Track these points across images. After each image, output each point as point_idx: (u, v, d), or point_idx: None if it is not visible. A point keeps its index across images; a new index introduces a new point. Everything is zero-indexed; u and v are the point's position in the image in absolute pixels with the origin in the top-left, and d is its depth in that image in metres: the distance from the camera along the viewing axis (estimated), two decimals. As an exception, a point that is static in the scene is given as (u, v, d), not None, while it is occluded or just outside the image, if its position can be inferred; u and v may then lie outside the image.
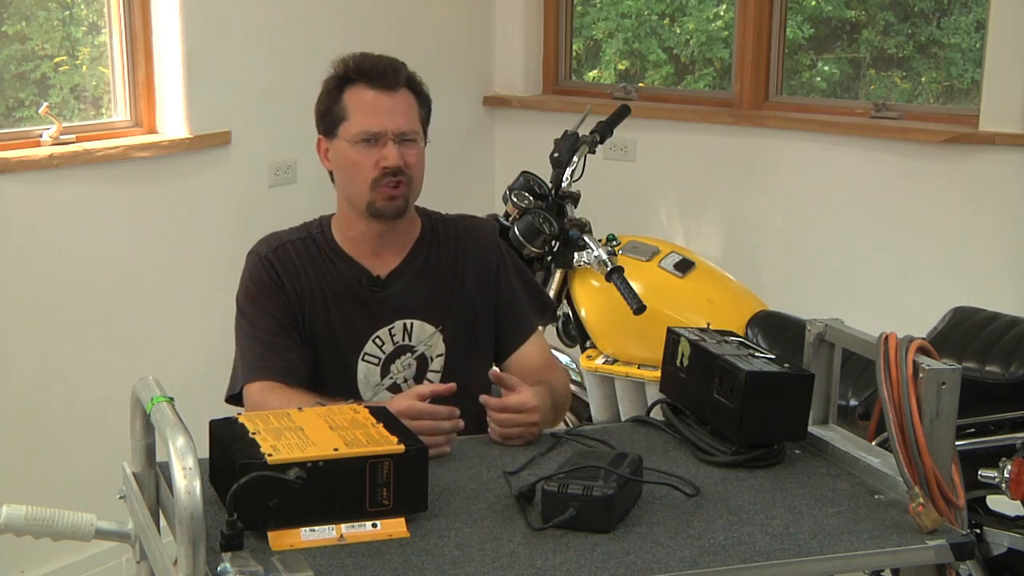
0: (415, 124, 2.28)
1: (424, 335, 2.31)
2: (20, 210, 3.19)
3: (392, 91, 2.26)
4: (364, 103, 2.26)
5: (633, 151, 4.35)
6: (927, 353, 1.81)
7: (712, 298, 3.15)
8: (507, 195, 3.16)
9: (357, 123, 2.25)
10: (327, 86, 2.33)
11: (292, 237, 2.35)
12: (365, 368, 2.29)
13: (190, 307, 3.65)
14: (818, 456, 1.98)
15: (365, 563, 1.57)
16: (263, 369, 2.22)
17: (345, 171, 2.29)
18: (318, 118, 2.34)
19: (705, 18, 4.74)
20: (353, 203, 2.29)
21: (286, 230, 2.38)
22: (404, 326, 2.30)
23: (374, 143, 2.24)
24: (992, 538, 2.58)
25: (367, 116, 2.25)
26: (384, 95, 2.25)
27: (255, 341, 2.26)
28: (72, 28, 3.57)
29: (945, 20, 4.34)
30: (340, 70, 2.30)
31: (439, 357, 2.32)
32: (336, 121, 2.28)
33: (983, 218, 3.79)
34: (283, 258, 2.30)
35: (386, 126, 2.23)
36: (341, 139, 2.28)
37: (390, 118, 2.24)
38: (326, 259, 2.32)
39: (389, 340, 2.30)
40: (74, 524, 1.70)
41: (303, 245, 2.33)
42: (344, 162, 2.28)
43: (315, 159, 2.41)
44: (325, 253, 2.32)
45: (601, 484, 1.67)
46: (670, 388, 2.14)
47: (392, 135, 2.24)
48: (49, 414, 3.31)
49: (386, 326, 2.30)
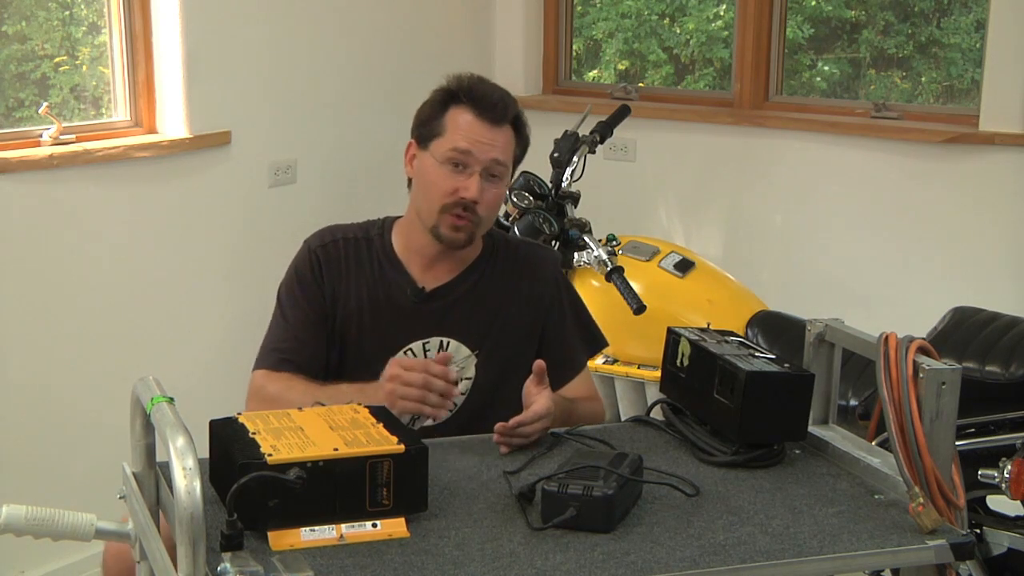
0: (507, 159, 2.25)
1: (459, 356, 2.28)
2: (20, 210, 3.19)
3: (496, 124, 2.22)
4: (464, 127, 2.22)
5: (633, 151, 4.35)
6: (927, 353, 1.81)
7: (712, 298, 3.15)
8: (507, 195, 3.16)
9: (450, 143, 2.21)
10: (434, 97, 2.28)
11: (348, 234, 2.33)
12: None
13: (190, 307, 3.65)
14: (818, 456, 1.98)
15: (365, 563, 1.57)
16: (274, 359, 2.25)
17: (423, 186, 2.26)
18: (416, 124, 2.30)
19: (705, 18, 4.74)
20: (422, 218, 2.27)
21: (346, 225, 2.36)
22: (441, 343, 2.27)
23: (461, 170, 2.21)
24: (992, 538, 2.58)
25: (463, 141, 2.21)
26: (487, 126, 2.21)
27: (279, 329, 2.30)
28: (72, 28, 3.57)
29: (945, 20, 4.34)
30: (453, 86, 2.26)
31: (467, 380, 2.28)
32: (432, 134, 2.25)
33: (983, 218, 3.79)
34: (331, 255, 2.30)
35: (477, 152, 2.20)
36: (431, 153, 2.24)
37: (484, 149, 2.20)
38: (376, 262, 2.30)
39: (422, 353, 2.27)
40: (74, 524, 1.70)
41: (356, 245, 2.31)
42: (425, 177, 2.25)
43: (314, 159, 2.41)
44: (377, 256, 2.31)
45: (601, 484, 1.67)
46: (670, 388, 2.14)
47: (480, 167, 2.20)
48: (49, 414, 3.31)
49: (421, 339, 2.27)
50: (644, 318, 2.91)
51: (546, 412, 2.02)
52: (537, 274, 2.36)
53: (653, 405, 2.24)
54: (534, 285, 2.34)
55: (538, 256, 2.41)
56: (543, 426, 2.03)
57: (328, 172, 3.99)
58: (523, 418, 2.01)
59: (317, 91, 3.96)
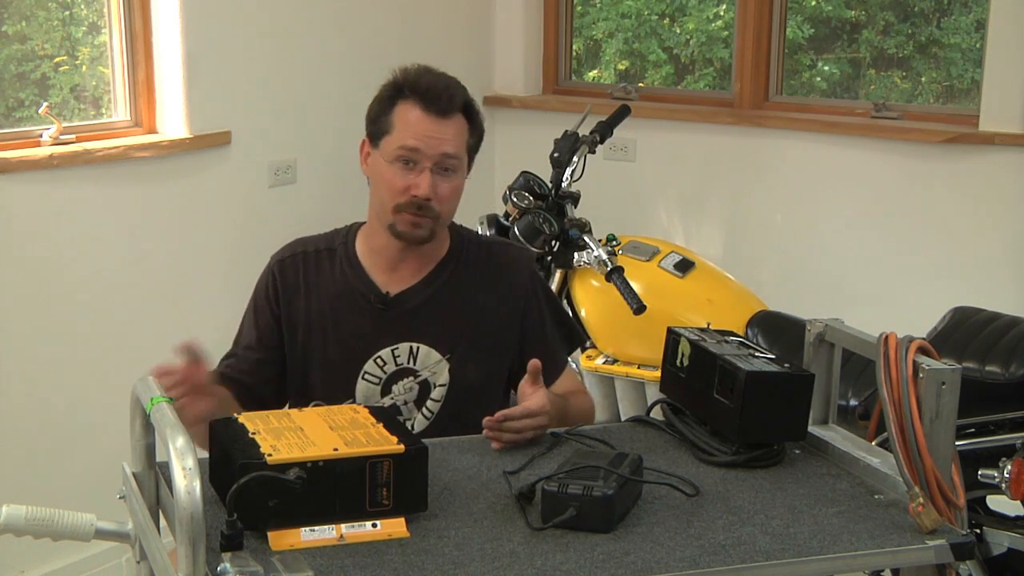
0: (459, 151, 2.19)
1: (430, 361, 2.24)
2: (20, 210, 3.19)
3: (443, 116, 2.16)
4: (410, 123, 2.16)
5: (633, 151, 4.35)
6: (927, 353, 1.81)
7: (712, 298, 3.15)
8: (507, 195, 3.17)
9: (398, 141, 2.16)
10: (381, 93, 2.23)
11: (310, 247, 2.30)
12: (365, 387, 2.24)
13: (190, 307, 3.65)
14: (818, 456, 1.98)
15: (365, 563, 1.57)
16: (218, 370, 2.24)
17: (376, 185, 2.23)
18: (367, 122, 2.25)
19: (705, 18, 4.74)
20: (380, 218, 2.23)
21: (312, 237, 2.33)
22: (410, 349, 2.24)
23: (412, 167, 2.16)
24: (992, 538, 2.58)
25: (410, 137, 2.15)
26: (433, 119, 2.16)
27: (235, 342, 2.32)
28: (72, 28, 3.57)
29: (945, 20, 4.34)
30: (399, 80, 2.20)
31: (442, 387, 2.25)
32: (381, 132, 2.20)
33: (983, 218, 3.79)
34: (287, 270, 2.28)
35: (425, 148, 2.15)
36: (381, 152, 2.20)
37: (433, 144, 2.15)
38: (339, 271, 2.27)
39: (392, 361, 2.24)
40: (74, 524, 1.70)
41: (316, 258, 2.29)
42: (378, 176, 2.21)
43: (314, 159, 2.41)
44: (340, 265, 2.28)
45: (601, 484, 1.67)
46: (670, 388, 2.14)
47: (431, 162, 2.16)
48: (49, 414, 3.31)
49: (390, 346, 2.24)
50: (644, 318, 2.91)
51: (539, 409, 2.00)
52: (512, 274, 2.31)
53: (653, 405, 2.24)
54: (509, 286, 2.30)
55: (511, 256, 2.36)
56: (538, 423, 2.00)
57: (328, 172, 3.98)
58: (510, 412, 1.98)
59: (317, 91, 3.96)
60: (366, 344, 2.24)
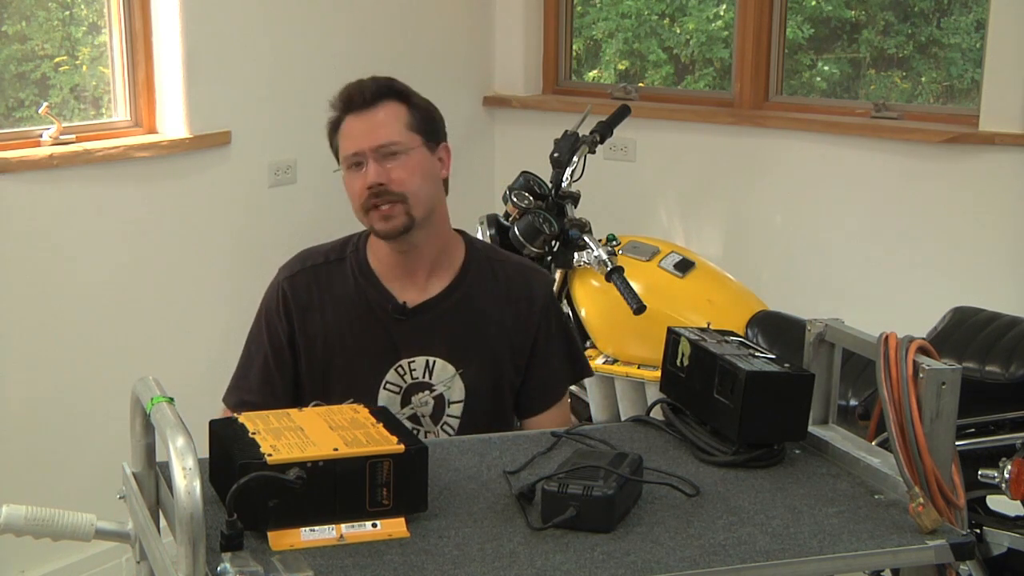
0: (395, 135, 2.20)
1: (445, 376, 2.25)
2: (20, 210, 3.19)
3: (365, 110, 2.22)
4: (346, 132, 2.23)
5: (633, 151, 4.35)
6: (927, 353, 1.81)
7: (712, 298, 3.15)
8: (507, 195, 3.16)
9: (344, 152, 2.24)
10: (329, 120, 2.30)
11: (319, 259, 2.30)
12: (386, 396, 2.24)
13: (190, 307, 3.65)
14: (818, 456, 1.98)
15: (365, 563, 1.57)
16: (235, 399, 2.26)
17: (350, 198, 2.26)
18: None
19: (705, 18, 4.74)
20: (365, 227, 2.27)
21: (321, 247, 2.34)
22: (426, 363, 2.25)
23: (361, 168, 2.20)
24: (992, 538, 2.59)
25: (350, 145, 2.22)
26: (358, 117, 2.22)
27: (244, 366, 2.30)
28: (72, 28, 3.57)
29: (945, 20, 4.34)
30: (334, 104, 2.28)
31: (458, 403, 2.26)
32: (336, 153, 2.28)
33: (983, 218, 3.79)
34: (298, 285, 2.27)
35: (360, 146, 2.19)
36: (342, 170, 2.26)
37: (366, 139, 2.19)
38: (353, 282, 2.27)
39: (409, 373, 2.25)
40: (74, 524, 1.70)
41: (327, 270, 2.29)
42: (346, 188, 2.26)
43: (315, 159, 2.42)
44: (353, 275, 2.28)
45: (601, 484, 1.67)
46: (670, 388, 2.14)
47: (369, 153, 2.19)
48: (49, 414, 3.31)
49: (406, 359, 2.24)
50: (644, 318, 2.91)
51: None
52: (529, 298, 2.32)
53: (653, 405, 2.24)
54: (524, 307, 2.30)
55: (530, 278, 2.36)
56: None
57: (328, 172, 3.96)
58: None
59: (317, 91, 3.93)
60: (385, 356, 2.24)
